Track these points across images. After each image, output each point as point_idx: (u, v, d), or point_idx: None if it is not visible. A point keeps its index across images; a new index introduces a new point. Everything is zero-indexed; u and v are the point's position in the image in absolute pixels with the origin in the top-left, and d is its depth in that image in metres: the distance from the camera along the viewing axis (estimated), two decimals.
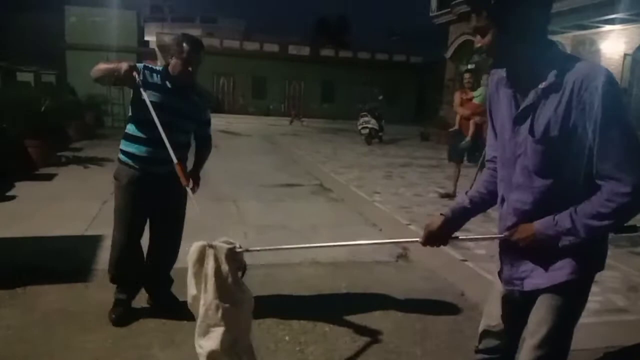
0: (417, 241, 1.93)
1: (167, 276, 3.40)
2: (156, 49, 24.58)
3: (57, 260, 4.20)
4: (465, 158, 7.22)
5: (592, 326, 3.14)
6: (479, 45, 1.66)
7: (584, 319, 3.22)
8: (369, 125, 15.64)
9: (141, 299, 3.37)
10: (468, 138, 7.02)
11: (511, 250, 1.77)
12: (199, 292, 2.16)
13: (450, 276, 4.27)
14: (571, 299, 1.72)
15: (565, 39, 13.14)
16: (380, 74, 31.57)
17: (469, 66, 10.99)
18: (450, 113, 18.17)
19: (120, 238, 3.17)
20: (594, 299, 3.61)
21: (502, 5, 1.57)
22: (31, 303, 3.41)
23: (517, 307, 1.85)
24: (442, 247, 1.97)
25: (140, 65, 3.02)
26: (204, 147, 3.37)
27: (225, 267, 2.10)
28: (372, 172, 9.27)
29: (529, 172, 1.67)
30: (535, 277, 1.73)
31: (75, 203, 6.16)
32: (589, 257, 1.68)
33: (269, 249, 2.56)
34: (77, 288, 3.69)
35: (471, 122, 7.03)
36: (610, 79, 1.52)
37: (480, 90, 7.50)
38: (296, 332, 3.20)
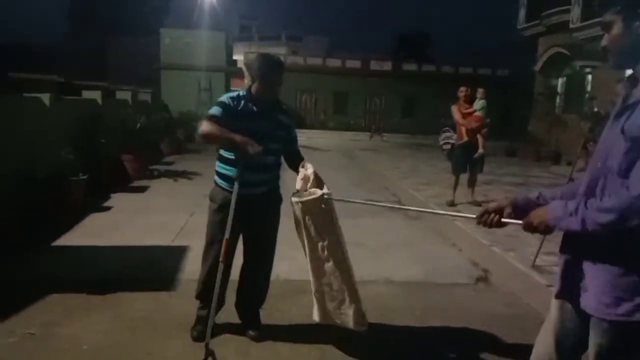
0: (472, 217, 2.03)
1: (256, 297, 3.38)
2: (243, 67, 25.58)
3: (144, 269, 4.49)
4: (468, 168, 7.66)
5: None
6: (604, 43, 1.76)
7: None
8: (451, 141, 15.19)
9: (225, 314, 3.39)
10: (481, 150, 7.54)
11: (571, 261, 1.77)
12: (307, 237, 2.88)
13: (533, 302, 4.05)
14: (623, 344, 1.64)
15: None
16: None
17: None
18: (539, 128, 17.41)
19: (210, 258, 3.17)
20: None
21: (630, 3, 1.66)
22: (119, 309, 3.65)
23: (570, 333, 1.86)
24: (526, 272, 1.93)
25: (225, 98, 3.07)
26: (298, 161, 3.12)
27: (318, 213, 2.85)
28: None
29: (610, 169, 1.66)
30: (586, 296, 1.70)
31: (165, 214, 6.50)
32: None
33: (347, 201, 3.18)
34: (161, 297, 3.91)
35: (479, 134, 7.52)
36: None
37: (481, 104, 8.07)
38: (365, 354, 3.16)
